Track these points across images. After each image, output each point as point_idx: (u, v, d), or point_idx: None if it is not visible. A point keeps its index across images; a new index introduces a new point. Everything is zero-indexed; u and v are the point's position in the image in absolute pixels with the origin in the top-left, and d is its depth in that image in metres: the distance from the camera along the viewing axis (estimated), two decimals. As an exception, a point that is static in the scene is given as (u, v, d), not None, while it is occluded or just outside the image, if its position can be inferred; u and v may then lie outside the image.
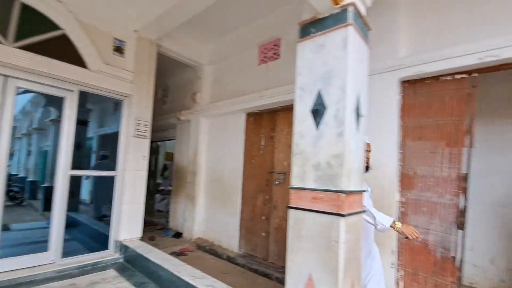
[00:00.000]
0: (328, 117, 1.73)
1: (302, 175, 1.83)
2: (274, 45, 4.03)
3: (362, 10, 1.85)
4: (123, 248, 3.82)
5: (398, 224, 1.86)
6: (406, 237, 1.85)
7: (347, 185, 1.64)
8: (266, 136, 4.19)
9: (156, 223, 6.22)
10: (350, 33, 1.67)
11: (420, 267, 2.47)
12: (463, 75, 2.31)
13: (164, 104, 6.26)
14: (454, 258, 2.31)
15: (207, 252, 4.59)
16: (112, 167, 3.99)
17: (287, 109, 3.79)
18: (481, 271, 3.16)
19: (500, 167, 3.11)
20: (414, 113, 2.57)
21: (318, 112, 1.77)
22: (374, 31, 2.79)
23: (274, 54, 4.03)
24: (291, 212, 1.87)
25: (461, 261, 2.30)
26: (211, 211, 4.86)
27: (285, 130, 3.92)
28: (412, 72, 2.49)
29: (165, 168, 9.57)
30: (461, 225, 2.30)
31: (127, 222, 3.93)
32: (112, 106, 5.96)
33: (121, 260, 3.79)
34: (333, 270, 1.64)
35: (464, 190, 2.30)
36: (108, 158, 5.43)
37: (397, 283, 2.55)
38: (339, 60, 1.70)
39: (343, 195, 1.62)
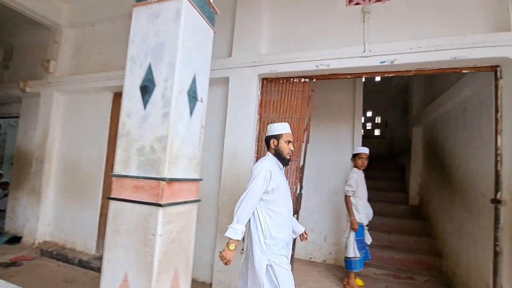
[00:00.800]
0: (156, 95, 1.54)
1: (126, 160, 1.59)
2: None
3: (204, -12, 1.75)
4: None
5: (230, 246, 1.72)
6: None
7: (169, 172, 1.51)
8: (136, 121, 3.71)
9: (-14, 227, 4.73)
10: (184, 6, 1.54)
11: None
12: (306, 79, 2.62)
13: (6, 69, 4.72)
14: (289, 240, 2.59)
15: (53, 258, 3.76)
16: None
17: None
18: (317, 247, 3.81)
19: (334, 161, 3.81)
20: (269, 108, 2.75)
21: (146, 89, 1.57)
22: (242, 25, 2.86)
23: (150, 29, 3.58)
24: (111, 204, 1.60)
25: (295, 241, 2.60)
26: (63, 208, 3.98)
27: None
28: (269, 70, 2.65)
29: (18, 155, 7.43)
30: (296, 210, 2.59)
31: None
32: None
33: None
34: (149, 266, 1.47)
35: (301, 180, 2.61)
36: None
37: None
38: (171, 33, 1.54)
39: (163, 183, 1.48)
